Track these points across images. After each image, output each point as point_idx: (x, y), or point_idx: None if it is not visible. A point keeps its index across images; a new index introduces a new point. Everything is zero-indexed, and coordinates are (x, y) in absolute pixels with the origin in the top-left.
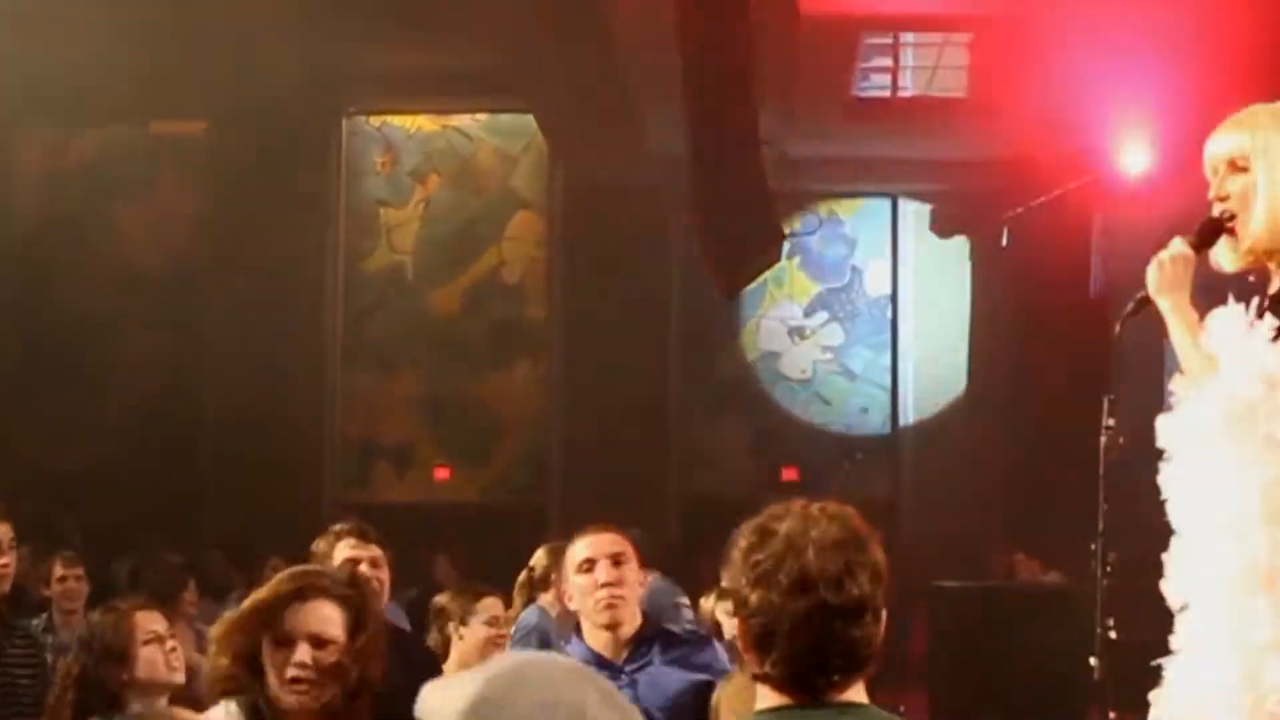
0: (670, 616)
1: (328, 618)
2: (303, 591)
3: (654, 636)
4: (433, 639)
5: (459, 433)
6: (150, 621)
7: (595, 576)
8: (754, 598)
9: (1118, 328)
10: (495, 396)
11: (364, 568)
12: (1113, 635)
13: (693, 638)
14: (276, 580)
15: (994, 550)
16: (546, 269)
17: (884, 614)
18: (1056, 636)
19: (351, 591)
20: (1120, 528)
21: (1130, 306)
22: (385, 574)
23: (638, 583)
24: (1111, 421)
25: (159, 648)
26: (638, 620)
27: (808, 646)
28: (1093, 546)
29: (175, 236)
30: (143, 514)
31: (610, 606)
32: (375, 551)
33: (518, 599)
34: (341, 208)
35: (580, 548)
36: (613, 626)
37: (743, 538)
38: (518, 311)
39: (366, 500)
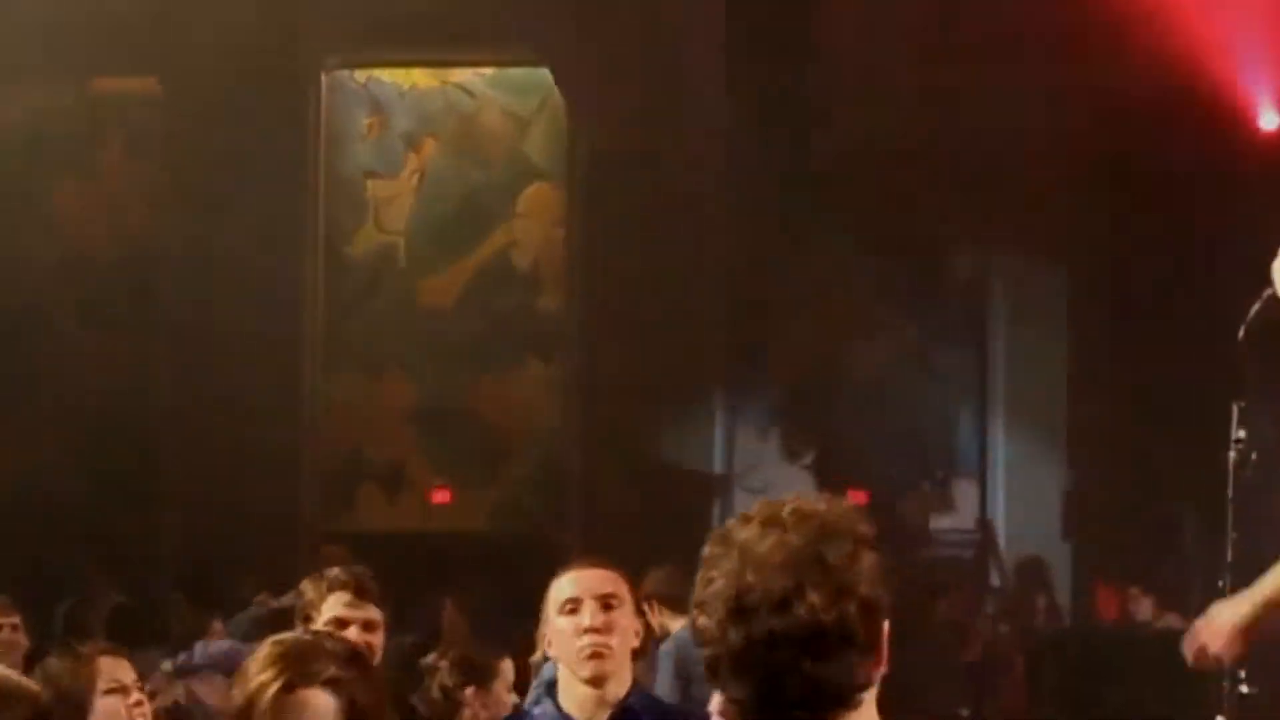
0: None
1: (319, 709)
2: (291, 683)
3: (641, 708)
4: (428, 702)
5: (460, 448)
6: (116, 669)
7: (579, 620)
8: (699, 623)
9: (1242, 332)
10: (503, 404)
11: (354, 631)
12: (1244, 690)
13: (688, 714)
14: (262, 662)
15: (1102, 587)
16: (565, 252)
17: (877, 633)
18: (1176, 690)
19: (349, 673)
20: (1253, 560)
21: (1256, 307)
22: (379, 638)
23: (633, 633)
24: (1242, 434)
25: (121, 699)
26: (627, 680)
27: (753, 683)
28: (1220, 582)
29: (122, 215)
30: (86, 548)
31: (595, 656)
32: (372, 614)
33: (541, 644)
34: (320, 180)
35: (565, 584)
36: (596, 681)
37: (706, 546)
38: (530, 302)
39: (351, 529)
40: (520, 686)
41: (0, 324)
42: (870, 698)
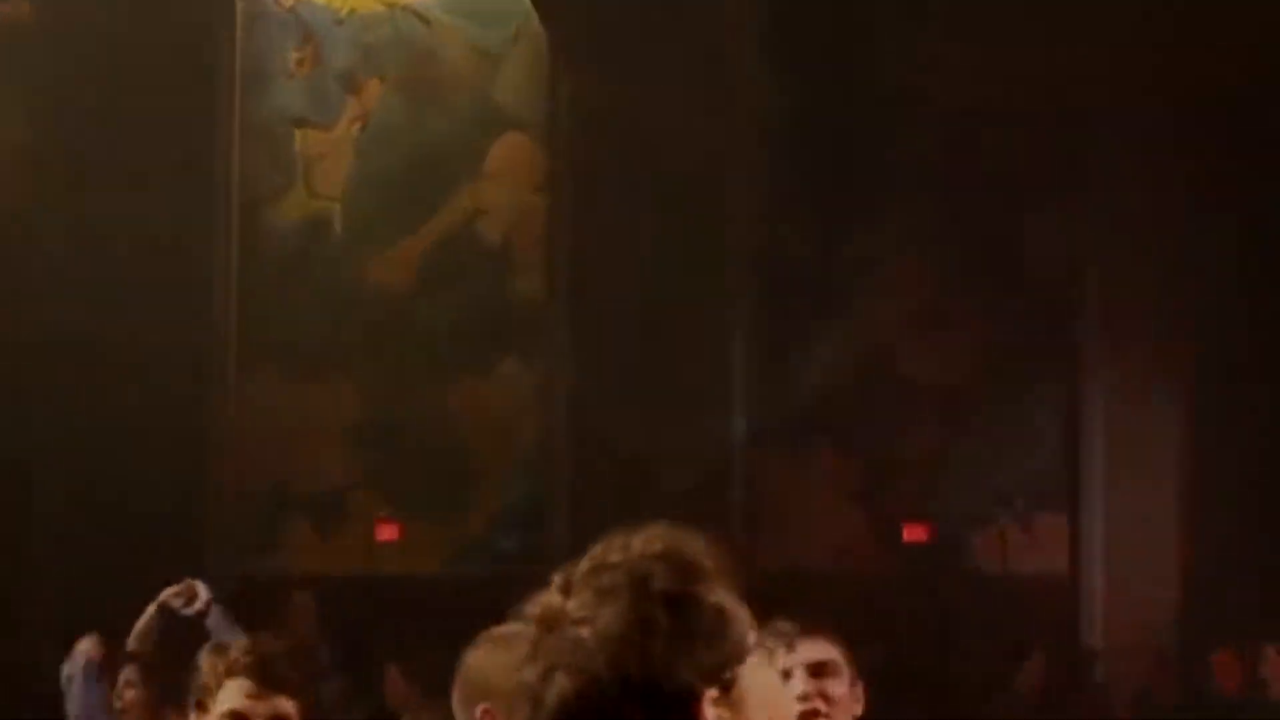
0: None
1: None
2: None
3: None
4: None
5: (414, 471)
6: None
7: None
8: None
9: None
10: (470, 416)
11: None
12: None
13: None
14: None
15: (1226, 646)
16: (546, 223)
17: (674, 716)
18: None
19: None
20: None
21: None
22: None
23: None
24: None
25: None
26: None
27: None
28: None
29: None
30: None
31: None
32: (281, 706)
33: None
34: (235, 130)
35: None
36: None
37: None
38: (503, 287)
39: (275, 574)
40: None
41: None
42: None
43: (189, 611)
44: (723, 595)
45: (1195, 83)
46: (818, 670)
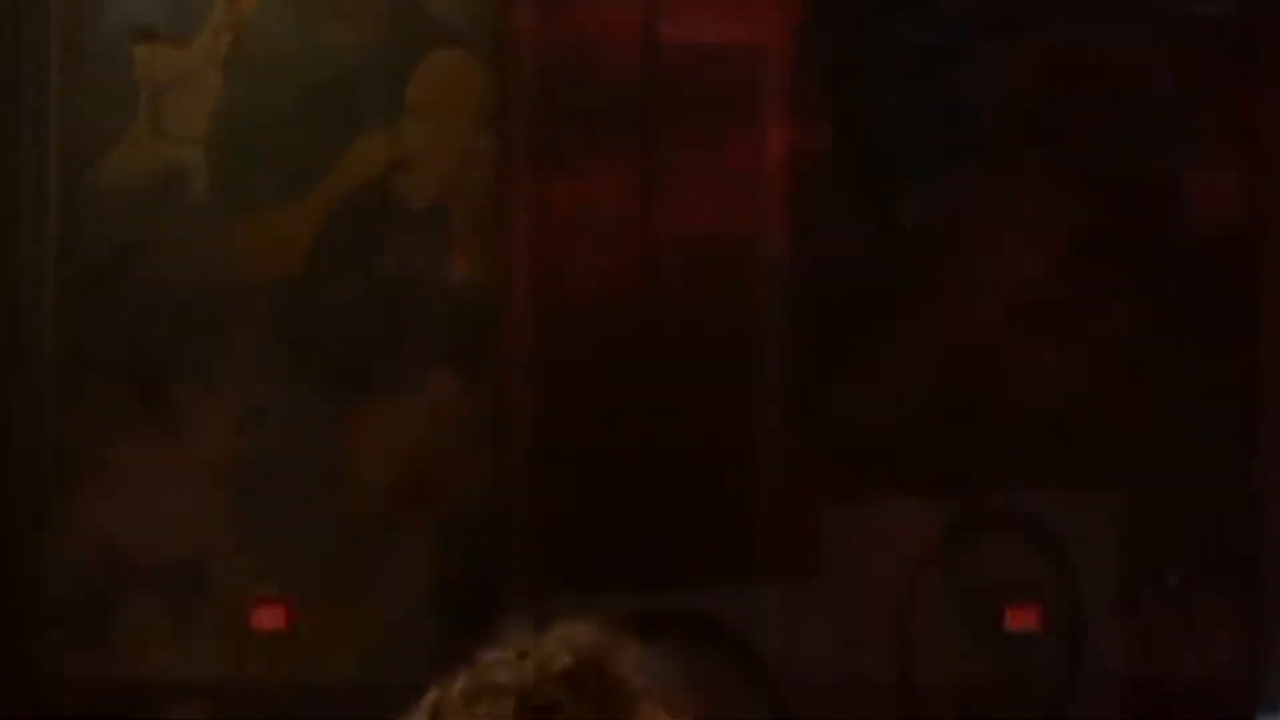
0: None
1: None
2: None
3: None
4: None
5: (308, 530)
6: None
7: None
8: None
9: None
10: (387, 452)
11: None
12: None
13: None
14: None
15: None
16: (495, 178)
17: None
18: None
19: None
20: None
21: None
22: None
23: None
24: None
25: None
26: None
27: None
28: None
29: None
30: None
31: None
32: None
33: None
34: (52, 46)
35: None
36: None
37: None
38: (434, 268)
39: (110, 676)
40: None
41: None
42: None
43: None
44: None
45: None
46: None
